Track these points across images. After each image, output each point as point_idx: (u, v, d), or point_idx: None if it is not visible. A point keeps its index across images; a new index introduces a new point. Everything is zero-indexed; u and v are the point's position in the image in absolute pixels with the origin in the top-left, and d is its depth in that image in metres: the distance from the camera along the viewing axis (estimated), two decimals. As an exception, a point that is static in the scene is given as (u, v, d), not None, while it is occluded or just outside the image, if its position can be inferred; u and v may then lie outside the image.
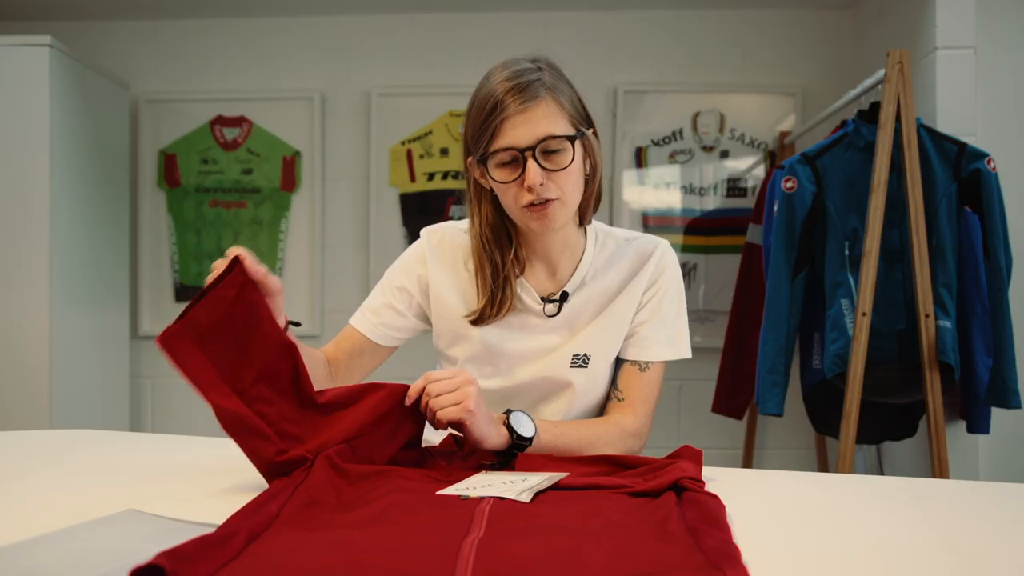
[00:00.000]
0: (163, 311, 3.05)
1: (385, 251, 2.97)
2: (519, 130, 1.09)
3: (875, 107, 2.06)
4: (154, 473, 1.04)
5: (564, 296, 1.23)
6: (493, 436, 1.01)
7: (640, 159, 2.94)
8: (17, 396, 2.45)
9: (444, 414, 0.98)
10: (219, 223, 3.02)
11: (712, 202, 2.92)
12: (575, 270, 1.24)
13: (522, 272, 1.24)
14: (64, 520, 0.78)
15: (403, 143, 2.99)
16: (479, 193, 1.21)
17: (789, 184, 2.09)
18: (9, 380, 2.45)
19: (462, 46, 2.99)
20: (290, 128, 3.01)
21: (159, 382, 3.06)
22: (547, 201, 1.11)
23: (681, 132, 2.94)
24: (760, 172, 2.91)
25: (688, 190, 2.93)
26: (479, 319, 1.22)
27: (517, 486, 0.87)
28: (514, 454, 1.03)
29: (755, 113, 2.93)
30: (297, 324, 1.12)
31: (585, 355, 1.22)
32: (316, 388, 1.20)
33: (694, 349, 3.15)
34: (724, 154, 2.92)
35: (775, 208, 2.15)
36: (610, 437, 1.14)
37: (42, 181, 2.45)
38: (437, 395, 0.98)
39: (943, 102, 2.22)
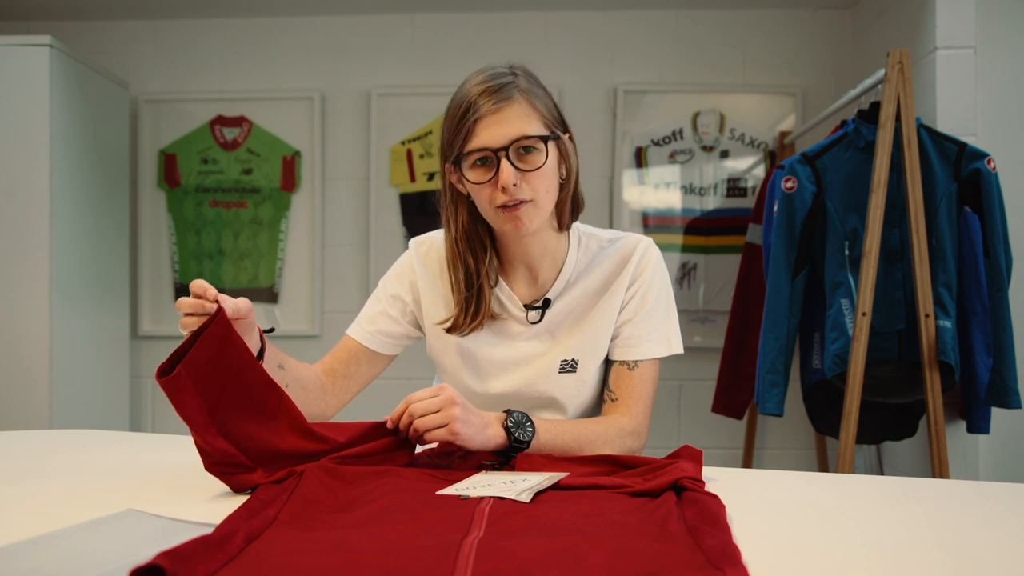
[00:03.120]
0: (163, 311, 3.06)
1: (385, 251, 2.97)
2: (492, 130, 1.09)
3: (875, 107, 2.06)
4: (154, 473, 1.04)
5: (547, 303, 1.23)
6: (490, 442, 1.01)
7: (640, 159, 2.94)
8: (17, 396, 2.45)
9: (431, 436, 0.98)
10: (219, 223, 3.02)
11: (712, 202, 2.92)
12: (557, 275, 1.24)
13: (496, 282, 1.24)
14: (64, 520, 0.78)
15: (403, 143, 2.99)
16: (455, 199, 1.21)
17: (789, 184, 2.09)
18: (9, 380, 2.45)
19: (462, 46, 2.99)
20: (290, 128, 3.01)
21: (159, 382, 3.06)
22: (520, 203, 1.11)
23: (681, 132, 2.94)
24: (760, 172, 2.91)
25: (688, 190, 2.93)
26: (452, 327, 1.22)
27: (517, 486, 0.87)
28: (513, 455, 1.03)
29: (755, 113, 2.93)
30: (271, 331, 1.12)
31: (573, 360, 1.22)
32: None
33: (694, 349, 3.15)
34: (724, 154, 2.92)
35: (775, 208, 2.15)
36: (608, 436, 1.14)
37: (42, 181, 2.45)
38: (421, 416, 0.97)
39: (943, 102, 2.22)
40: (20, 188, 2.45)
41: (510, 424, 1.03)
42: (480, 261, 1.21)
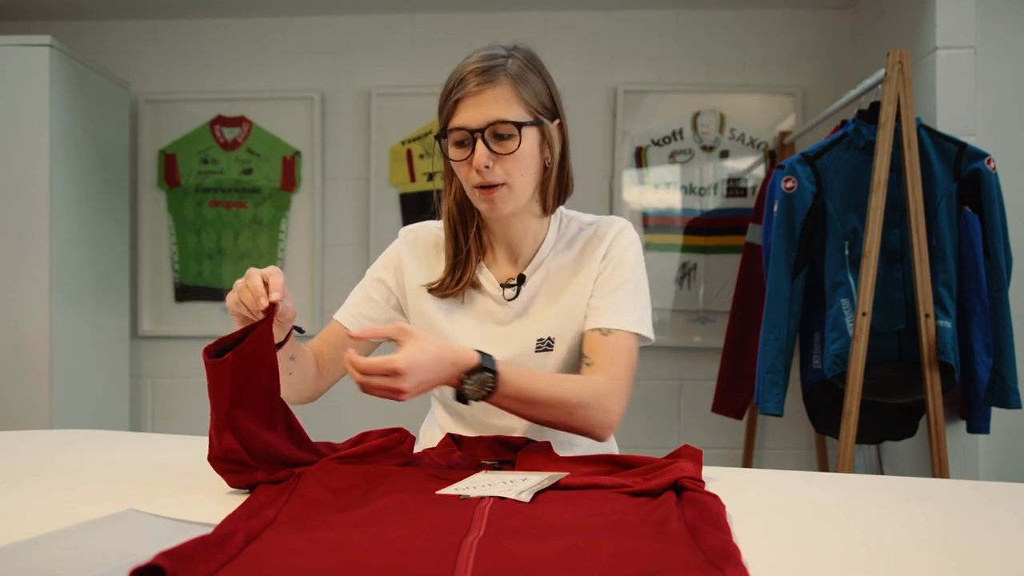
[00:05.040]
0: (163, 311, 3.05)
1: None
2: (471, 111, 1.12)
3: (875, 107, 2.06)
4: (154, 473, 1.04)
5: (521, 279, 1.24)
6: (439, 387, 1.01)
7: (640, 159, 2.94)
8: (17, 396, 2.45)
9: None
10: (219, 223, 3.02)
11: (712, 202, 2.92)
12: (535, 255, 1.25)
13: (483, 256, 1.26)
14: (64, 520, 0.78)
15: (403, 143, 2.99)
16: (450, 170, 1.23)
17: (789, 184, 2.09)
18: (9, 380, 2.45)
19: (462, 46, 2.94)
20: (290, 128, 3.01)
21: (159, 382, 3.06)
22: (495, 185, 1.13)
23: (681, 132, 2.94)
24: (760, 172, 2.91)
25: (688, 190, 2.93)
26: (437, 288, 1.24)
27: (517, 486, 0.87)
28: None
29: (755, 113, 2.93)
30: (301, 331, 1.13)
31: (549, 339, 1.22)
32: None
33: (694, 349, 3.14)
34: (724, 154, 2.92)
35: (775, 208, 2.15)
36: (584, 394, 1.10)
37: (42, 181, 2.45)
38: (372, 387, 0.96)
39: (943, 102, 2.22)
40: (20, 188, 2.45)
41: (466, 385, 1.02)
42: (470, 230, 1.24)
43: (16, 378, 2.46)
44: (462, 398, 1.04)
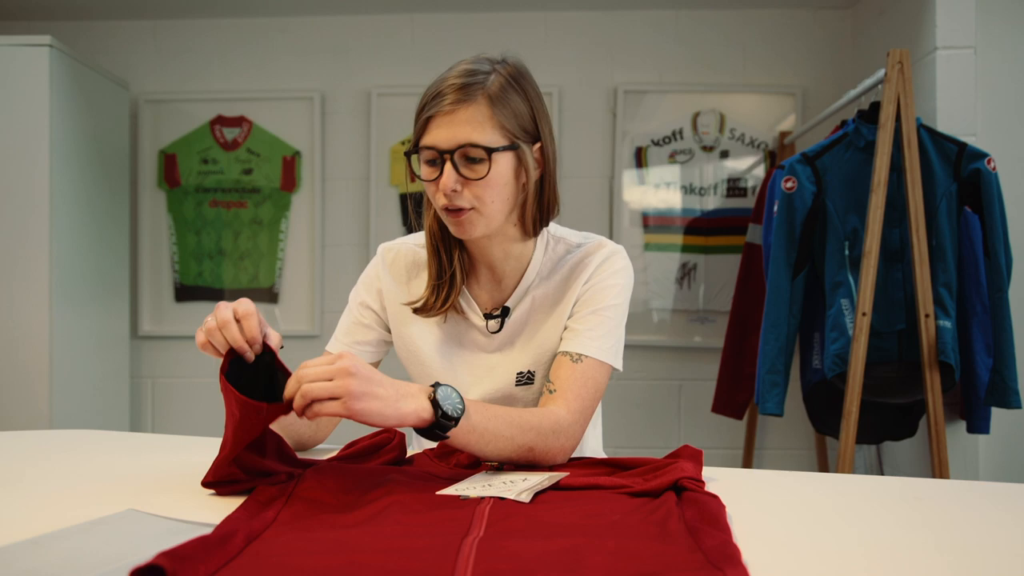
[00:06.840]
0: (163, 311, 3.05)
1: (385, 251, 2.97)
2: (442, 131, 1.07)
3: (875, 107, 2.06)
4: (154, 473, 1.04)
5: (505, 311, 1.19)
6: (408, 418, 0.89)
7: (640, 159, 2.94)
8: (17, 396, 2.45)
9: (324, 409, 0.84)
10: (219, 223, 3.02)
11: (712, 202, 2.92)
12: (519, 281, 1.20)
13: (467, 279, 1.21)
14: (64, 520, 0.78)
15: (403, 143, 2.99)
16: None
17: (789, 184, 2.09)
18: (9, 380, 2.45)
19: (462, 46, 2.98)
20: (290, 128, 3.01)
21: (159, 382, 3.06)
22: (462, 209, 1.08)
23: (681, 132, 2.94)
24: (760, 172, 2.91)
25: (688, 190, 2.93)
26: (420, 308, 1.19)
27: (517, 486, 0.87)
28: (440, 433, 0.92)
29: (755, 113, 2.93)
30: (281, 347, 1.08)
31: (529, 372, 1.18)
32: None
33: (694, 349, 3.14)
34: (724, 154, 2.92)
35: (775, 208, 2.15)
36: (542, 429, 1.02)
37: (42, 181, 2.45)
38: (311, 382, 0.85)
39: (943, 102, 2.22)
40: (20, 188, 2.45)
41: (439, 397, 0.91)
42: (454, 251, 1.19)
43: (16, 378, 2.45)
44: (433, 426, 0.91)
